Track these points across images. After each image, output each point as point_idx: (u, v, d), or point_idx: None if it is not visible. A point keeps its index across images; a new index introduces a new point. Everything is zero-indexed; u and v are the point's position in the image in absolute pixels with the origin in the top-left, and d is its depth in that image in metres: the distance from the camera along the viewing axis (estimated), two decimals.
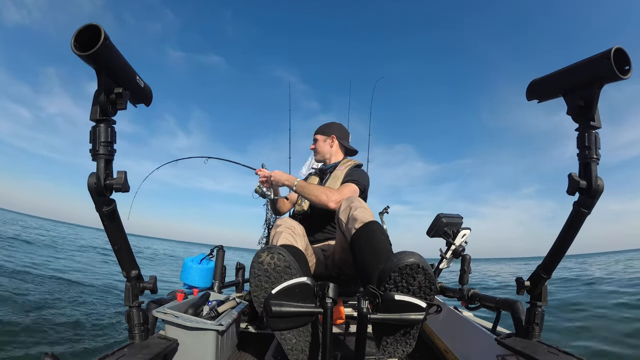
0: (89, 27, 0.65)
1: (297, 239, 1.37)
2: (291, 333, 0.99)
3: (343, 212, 1.37)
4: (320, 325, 0.98)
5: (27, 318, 3.25)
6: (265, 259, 0.98)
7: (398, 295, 0.88)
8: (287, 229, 1.39)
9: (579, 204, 0.81)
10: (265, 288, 0.98)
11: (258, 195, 1.85)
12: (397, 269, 0.89)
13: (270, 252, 0.99)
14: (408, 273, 0.90)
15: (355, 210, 1.31)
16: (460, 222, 1.87)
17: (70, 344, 2.77)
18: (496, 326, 1.27)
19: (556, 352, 0.87)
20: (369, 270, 1.12)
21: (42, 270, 6.20)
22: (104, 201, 0.79)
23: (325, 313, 0.89)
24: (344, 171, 1.87)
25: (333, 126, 2.06)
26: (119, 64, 0.75)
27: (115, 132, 0.78)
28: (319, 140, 2.04)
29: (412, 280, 0.90)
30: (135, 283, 0.93)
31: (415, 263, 0.89)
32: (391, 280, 0.91)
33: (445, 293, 1.77)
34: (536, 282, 0.96)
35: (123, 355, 0.83)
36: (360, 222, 1.26)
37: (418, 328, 0.96)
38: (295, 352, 1.00)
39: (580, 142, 0.78)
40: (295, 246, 1.32)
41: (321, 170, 2.05)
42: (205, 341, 1.05)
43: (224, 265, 1.87)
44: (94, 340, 2.97)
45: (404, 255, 0.91)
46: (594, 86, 0.73)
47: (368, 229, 1.23)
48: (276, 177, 1.72)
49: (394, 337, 0.97)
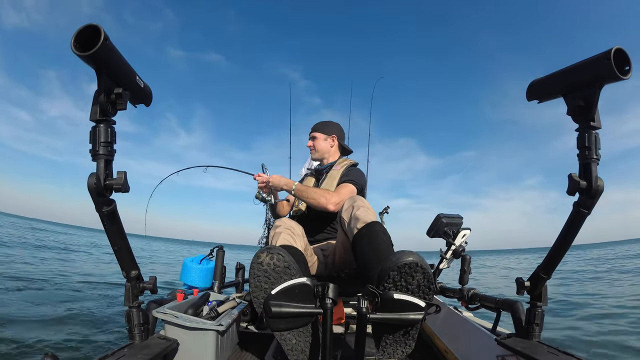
0: (89, 27, 0.65)
1: (296, 240, 1.37)
2: (291, 333, 0.99)
3: (346, 212, 1.37)
4: (320, 326, 0.98)
5: (27, 318, 3.25)
6: (265, 259, 0.98)
7: (397, 294, 0.89)
8: (286, 229, 1.39)
9: (579, 204, 0.81)
10: (265, 288, 0.99)
11: (259, 201, 1.88)
12: (396, 268, 0.90)
13: (269, 252, 0.99)
14: (407, 272, 0.90)
15: (358, 210, 1.31)
16: (461, 222, 1.87)
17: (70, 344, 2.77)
18: (496, 326, 1.27)
19: (556, 353, 0.87)
20: (370, 271, 1.13)
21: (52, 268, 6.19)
22: (104, 201, 0.79)
23: (325, 313, 0.89)
24: (340, 171, 1.85)
25: (333, 126, 2.02)
26: (119, 64, 0.74)
27: (115, 132, 0.78)
28: (318, 138, 1.99)
29: (411, 279, 0.91)
30: (135, 283, 0.93)
31: (414, 262, 0.89)
32: (390, 279, 0.91)
33: (445, 293, 1.77)
34: (536, 282, 0.96)
35: (123, 355, 0.83)
36: (363, 222, 1.26)
37: (417, 328, 0.97)
38: (295, 352, 1.00)
39: (580, 143, 0.78)
40: (294, 247, 1.33)
41: (317, 170, 2.03)
42: (205, 341, 1.05)
43: (223, 266, 1.87)
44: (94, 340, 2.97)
45: (402, 255, 0.91)
46: (594, 86, 0.73)
47: (370, 229, 1.24)
48: (274, 182, 1.73)
49: (394, 338, 0.97)
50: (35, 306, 3.75)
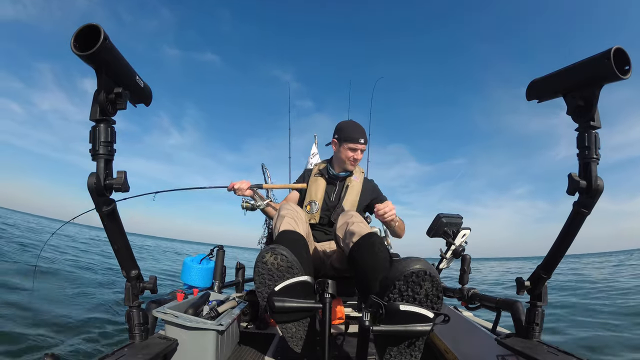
0: (89, 27, 0.65)
1: (299, 224, 1.35)
2: (292, 323, 1.05)
3: (340, 229, 1.36)
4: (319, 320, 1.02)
5: (27, 318, 3.25)
6: (269, 259, 1.01)
7: (403, 305, 0.84)
8: (289, 211, 1.38)
9: (579, 204, 0.81)
10: (269, 285, 1.01)
11: (247, 211, 1.72)
12: (403, 277, 0.84)
13: (273, 253, 1.01)
14: (414, 281, 0.85)
15: (352, 225, 1.30)
16: (461, 222, 1.87)
17: (70, 344, 2.76)
18: (496, 326, 1.27)
19: (556, 352, 0.87)
20: (368, 280, 1.10)
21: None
22: (104, 201, 0.79)
23: (325, 308, 0.91)
24: (360, 183, 1.78)
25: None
26: (118, 64, 0.74)
27: (115, 132, 0.78)
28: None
29: (419, 288, 0.85)
30: (135, 283, 0.93)
31: (422, 270, 0.84)
32: (396, 290, 0.86)
33: (445, 293, 1.77)
34: (536, 282, 0.96)
35: (123, 355, 0.83)
36: (358, 235, 1.24)
37: (424, 339, 0.92)
38: (295, 339, 1.05)
39: (580, 142, 0.78)
40: (297, 232, 1.31)
41: (331, 175, 1.80)
42: (205, 341, 1.05)
43: (224, 265, 1.87)
44: (94, 340, 2.97)
45: (409, 262, 0.86)
46: (594, 86, 0.73)
47: (367, 241, 1.21)
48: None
49: (398, 349, 0.93)
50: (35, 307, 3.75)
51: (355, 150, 1.69)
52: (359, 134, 1.69)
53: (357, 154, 1.70)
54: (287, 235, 1.28)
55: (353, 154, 1.69)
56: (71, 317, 3.50)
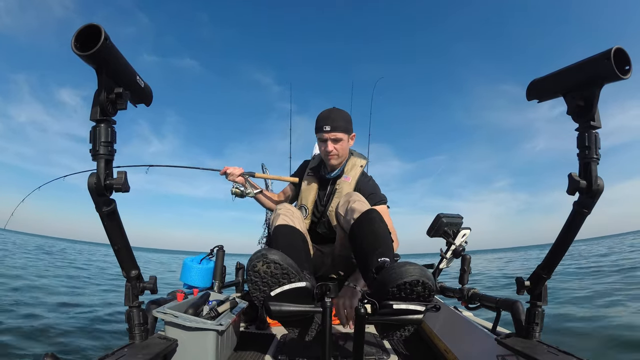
0: (90, 27, 0.65)
1: (295, 222, 1.34)
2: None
3: (342, 207, 1.36)
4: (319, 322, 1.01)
5: (27, 318, 3.25)
6: (261, 268, 0.96)
7: (396, 304, 0.88)
8: (287, 210, 1.37)
9: (579, 204, 0.81)
10: (264, 290, 0.98)
11: (236, 197, 1.70)
12: (396, 286, 0.88)
13: (265, 261, 0.95)
14: (407, 289, 0.89)
15: (354, 203, 1.30)
16: (461, 222, 1.87)
17: (71, 344, 2.76)
18: (496, 326, 1.27)
19: (556, 352, 0.87)
20: (368, 256, 1.11)
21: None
22: (104, 201, 0.79)
23: (325, 312, 0.90)
24: (352, 184, 1.59)
25: (350, 119, 1.57)
26: (119, 64, 0.75)
27: (116, 132, 0.78)
28: (343, 140, 1.53)
29: (410, 292, 0.89)
30: (135, 283, 0.93)
31: (415, 280, 0.87)
32: (389, 296, 0.90)
33: (445, 293, 1.77)
34: (536, 281, 0.96)
35: (123, 355, 0.83)
36: (359, 212, 1.24)
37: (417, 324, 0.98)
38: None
39: (580, 142, 0.78)
40: (293, 226, 1.31)
41: (321, 176, 1.68)
42: (205, 341, 1.05)
43: (223, 265, 1.86)
44: (94, 340, 2.97)
45: (404, 272, 0.88)
46: (594, 86, 0.74)
47: (367, 217, 1.22)
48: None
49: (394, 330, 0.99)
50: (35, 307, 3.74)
51: (325, 141, 1.51)
52: (322, 121, 1.49)
53: (327, 145, 1.50)
54: (283, 229, 1.28)
55: (323, 146, 1.52)
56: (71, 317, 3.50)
